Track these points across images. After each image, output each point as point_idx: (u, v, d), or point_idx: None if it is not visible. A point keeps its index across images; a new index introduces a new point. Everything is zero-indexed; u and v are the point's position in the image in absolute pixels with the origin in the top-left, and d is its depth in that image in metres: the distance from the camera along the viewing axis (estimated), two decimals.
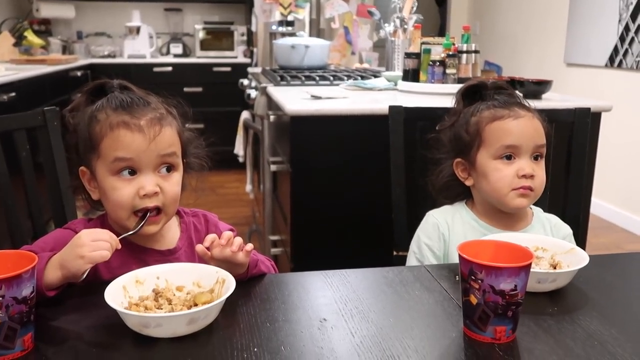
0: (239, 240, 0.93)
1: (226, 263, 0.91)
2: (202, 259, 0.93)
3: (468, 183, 1.23)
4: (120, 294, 0.84)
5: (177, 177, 1.00)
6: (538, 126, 1.18)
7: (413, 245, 1.26)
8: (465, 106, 1.24)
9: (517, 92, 1.29)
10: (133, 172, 0.95)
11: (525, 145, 1.15)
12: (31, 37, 4.52)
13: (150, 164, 0.95)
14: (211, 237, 0.92)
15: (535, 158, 1.17)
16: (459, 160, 1.23)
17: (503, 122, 1.16)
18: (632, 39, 3.66)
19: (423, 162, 1.31)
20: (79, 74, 4.33)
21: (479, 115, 1.19)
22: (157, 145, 0.95)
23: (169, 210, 0.99)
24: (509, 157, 1.16)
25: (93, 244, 0.85)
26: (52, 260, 0.86)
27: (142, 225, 0.96)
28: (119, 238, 0.90)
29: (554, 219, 1.27)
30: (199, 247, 0.92)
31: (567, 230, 1.27)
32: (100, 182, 0.97)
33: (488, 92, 1.23)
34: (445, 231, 1.22)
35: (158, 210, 0.97)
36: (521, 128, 1.15)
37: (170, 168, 0.98)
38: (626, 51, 3.72)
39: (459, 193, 1.26)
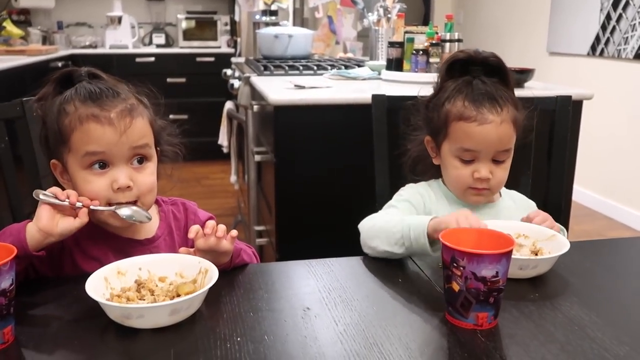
0: (222, 227, 0.92)
1: (211, 253, 0.91)
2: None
3: (435, 162, 1.23)
4: (102, 285, 0.83)
5: (151, 167, 0.98)
6: (504, 133, 1.14)
7: (391, 201, 1.23)
8: (449, 78, 1.20)
9: (509, 69, 1.22)
10: (104, 165, 0.94)
11: (485, 151, 1.14)
12: (10, 27, 4.45)
13: (123, 157, 0.94)
14: (195, 228, 0.91)
15: (497, 161, 1.16)
16: (429, 139, 1.23)
17: (467, 125, 1.13)
18: (614, 28, 3.69)
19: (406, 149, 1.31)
20: (59, 64, 4.27)
21: (451, 104, 1.16)
22: (129, 137, 0.93)
23: (146, 201, 0.98)
24: (467, 159, 1.15)
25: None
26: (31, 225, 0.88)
27: (117, 206, 0.94)
28: (92, 208, 0.91)
29: (516, 194, 1.28)
30: (183, 250, 0.93)
31: (531, 202, 1.29)
32: (72, 175, 0.96)
33: (475, 67, 1.18)
34: (427, 200, 1.21)
35: (134, 203, 0.96)
36: (484, 135, 1.12)
37: (142, 159, 0.97)
38: (608, 40, 3.75)
39: (429, 169, 1.26)
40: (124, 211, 0.94)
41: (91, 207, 0.91)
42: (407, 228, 1.03)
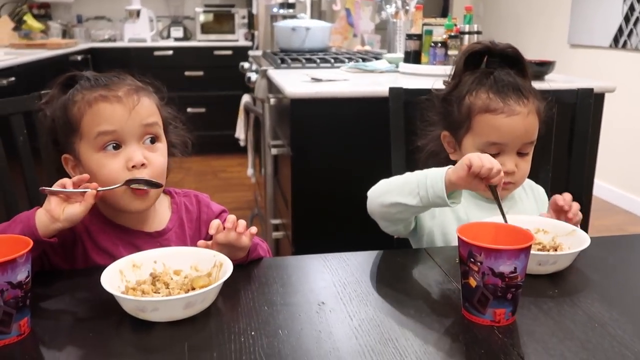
0: (243, 222, 0.92)
1: (228, 247, 0.91)
2: (194, 243, 0.92)
3: (453, 157, 1.20)
4: (117, 278, 0.83)
5: (162, 147, 0.99)
6: (530, 124, 1.13)
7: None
8: (466, 70, 1.18)
9: (527, 60, 1.19)
10: (118, 146, 0.95)
11: (512, 144, 1.12)
12: (31, 21, 4.49)
13: (134, 135, 0.95)
14: (216, 223, 0.91)
15: (521, 153, 1.14)
16: (447, 134, 1.20)
17: (494, 118, 1.11)
18: (637, 19, 3.61)
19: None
20: (79, 58, 4.30)
21: (474, 97, 1.14)
22: (139, 114, 0.95)
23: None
24: (492, 153, 1.12)
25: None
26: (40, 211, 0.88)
27: (131, 181, 0.94)
28: (101, 190, 0.89)
29: (526, 181, 1.26)
30: (201, 243, 0.92)
31: (541, 189, 1.29)
32: (86, 163, 0.96)
33: (494, 59, 1.17)
34: None
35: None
36: (511, 127, 1.11)
37: (154, 139, 0.98)
38: (631, 31, 3.67)
39: (444, 166, 1.25)
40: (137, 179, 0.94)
41: (99, 188, 0.90)
42: (423, 177, 1.00)
